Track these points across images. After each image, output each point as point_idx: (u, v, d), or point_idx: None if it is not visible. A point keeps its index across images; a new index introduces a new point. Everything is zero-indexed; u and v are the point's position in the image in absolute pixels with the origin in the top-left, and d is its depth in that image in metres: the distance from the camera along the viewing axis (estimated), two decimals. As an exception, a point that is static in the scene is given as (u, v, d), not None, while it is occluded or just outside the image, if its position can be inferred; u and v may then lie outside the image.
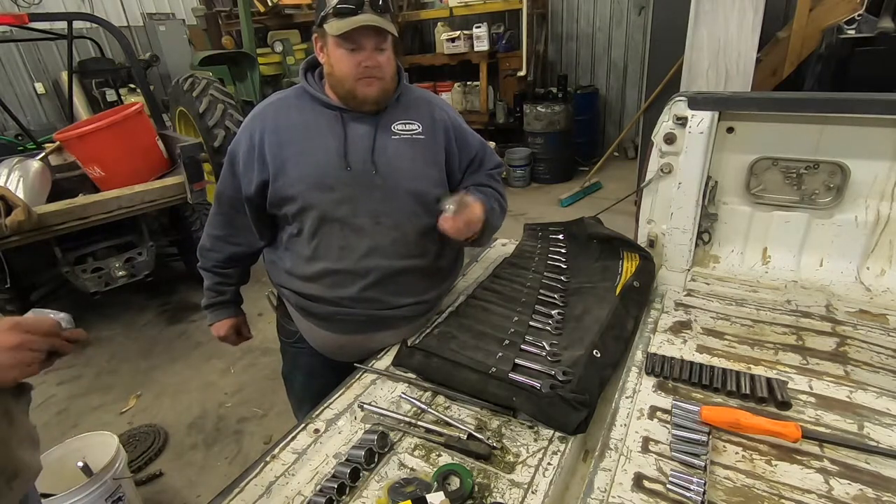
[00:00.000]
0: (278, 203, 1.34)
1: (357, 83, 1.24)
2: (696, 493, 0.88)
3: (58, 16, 3.72)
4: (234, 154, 1.37)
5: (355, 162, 1.30)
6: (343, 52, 1.21)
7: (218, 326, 1.64)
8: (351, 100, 1.28)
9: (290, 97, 1.37)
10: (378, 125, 1.32)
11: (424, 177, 1.37)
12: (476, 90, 6.71)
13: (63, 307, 4.34)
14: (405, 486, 0.94)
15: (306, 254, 1.36)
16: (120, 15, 7.90)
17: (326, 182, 1.29)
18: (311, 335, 1.52)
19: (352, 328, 1.42)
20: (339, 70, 1.24)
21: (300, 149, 1.30)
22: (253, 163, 1.32)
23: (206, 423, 2.72)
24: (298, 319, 1.52)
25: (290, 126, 1.32)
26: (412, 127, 1.36)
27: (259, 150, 1.31)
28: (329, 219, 1.31)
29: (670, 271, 1.72)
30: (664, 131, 1.61)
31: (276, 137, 1.31)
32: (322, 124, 1.31)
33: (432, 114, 1.40)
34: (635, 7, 6.08)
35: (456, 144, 1.42)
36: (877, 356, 1.24)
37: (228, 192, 1.41)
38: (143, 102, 3.60)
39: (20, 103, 7.25)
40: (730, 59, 3.48)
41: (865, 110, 1.37)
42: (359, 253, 1.33)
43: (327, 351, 1.53)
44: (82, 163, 3.40)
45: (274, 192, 1.32)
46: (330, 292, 1.37)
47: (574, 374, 1.15)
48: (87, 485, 1.76)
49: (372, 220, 1.32)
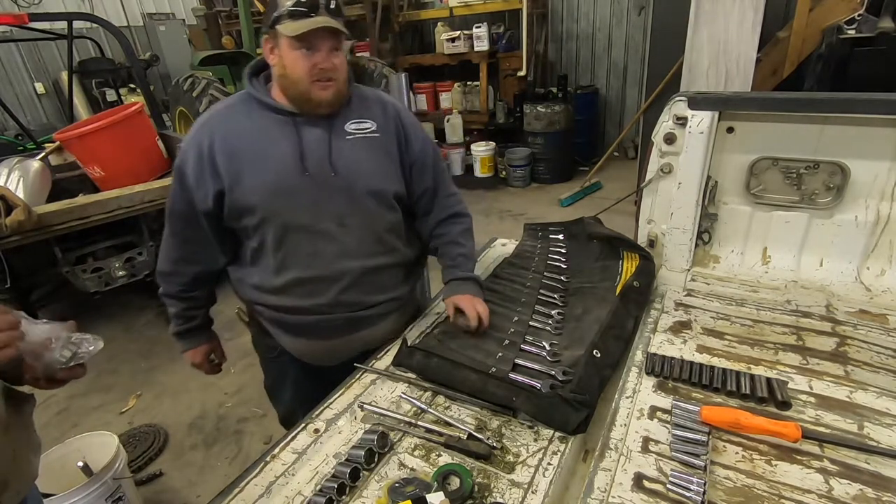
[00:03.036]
0: (237, 215, 1.29)
1: (312, 85, 1.22)
2: (696, 493, 0.88)
3: (58, 16, 3.73)
4: (181, 169, 1.29)
5: (313, 166, 1.27)
6: (298, 53, 1.19)
7: (192, 354, 1.56)
8: (305, 103, 1.26)
9: (236, 104, 1.32)
10: (331, 127, 1.30)
11: (383, 175, 1.37)
12: (476, 90, 6.71)
13: (63, 307, 4.33)
14: (405, 486, 0.94)
15: (273, 266, 1.33)
16: (120, 15, 7.89)
17: (286, 189, 1.26)
18: (294, 346, 1.49)
19: (333, 333, 1.41)
20: (294, 72, 1.21)
21: (255, 157, 1.26)
22: (204, 175, 1.26)
23: (206, 423, 2.72)
24: (278, 334, 1.48)
25: (241, 134, 1.27)
26: (365, 126, 1.35)
27: (209, 160, 1.25)
28: (293, 227, 1.29)
29: (670, 271, 1.72)
30: (664, 131, 1.61)
31: (226, 146, 1.25)
32: (274, 130, 1.28)
33: (384, 111, 1.39)
34: (635, 7, 6.08)
35: (404, 143, 1.41)
36: (877, 356, 1.24)
37: (180, 209, 1.33)
38: (143, 102, 3.61)
39: (20, 103, 7.24)
40: (730, 59, 3.48)
41: (865, 110, 1.37)
42: (329, 258, 1.32)
43: (313, 359, 1.51)
44: (82, 163, 3.40)
45: (231, 203, 1.27)
46: (305, 301, 1.35)
47: (574, 374, 1.15)
48: (87, 485, 1.76)
49: (337, 223, 1.31)
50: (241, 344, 3.37)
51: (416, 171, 1.44)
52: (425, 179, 1.46)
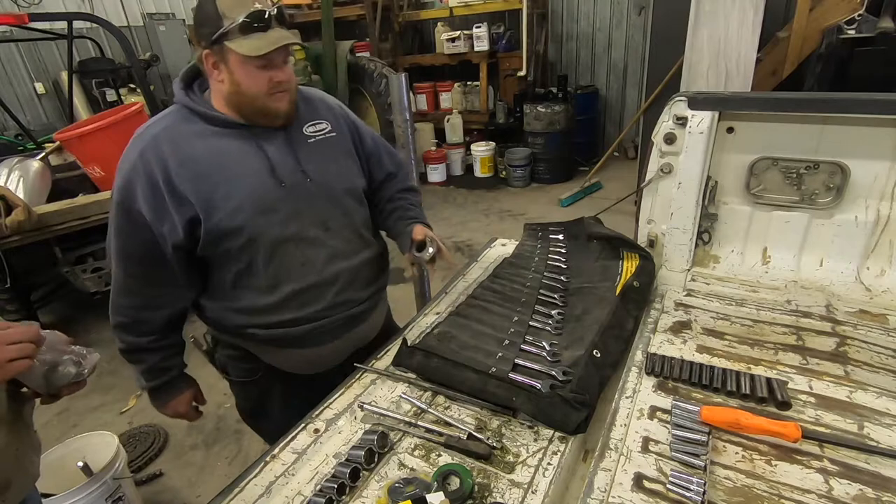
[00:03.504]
0: (216, 240, 1.20)
1: (268, 99, 1.19)
2: (696, 493, 0.88)
3: (58, 16, 3.73)
4: (126, 204, 1.17)
5: (287, 176, 1.24)
6: (252, 68, 1.14)
7: (174, 405, 1.42)
8: (261, 117, 1.22)
9: (176, 124, 1.21)
10: (290, 134, 1.28)
11: (350, 172, 1.39)
12: (476, 90, 6.71)
13: (63, 307, 4.32)
14: (405, 486, 0.94)
15: (265, 284, 1.27)
16: (120, 15, 7.88)
17: (267, 205, 1.22)
18: (288, 361, 1.43)
19: (332, 335, 1.40)
20: (250, 88, 1.16)
21: (225, 177, 1.18)
22: (166, 206, 1.16)
23: (206, 423, 2.72)
24: (267, 352, 1.41)
25: (200, 155, 1.18)
26: (321, 126, 1.34)
27: (168, 189, 1.15)
28: (282, 240, 1.25)
29: (670, 271, 1.72)
30: (664, 131, 1.61)
31: (187, 172, 1.16)
32: (234, 146, 1.21)
33: (331, 110, 1.40)
34: (635, 7, 6.08)
35: (357, 138, 1.44)
36: (877, 356, 1.24)
37: (134, 251, 1.21)
38: (143, 102, 3.61)
39: (20, 103, 7.23)
40: (730, 59, 3.48)
41: (865, 110, 1.37)
42: (320, 264, 1.31)
43: (310, 367, 1.46)
44: (82, 163, 3.40)
45: (210, 228, 1.18)
46: (303, 311, 1.32)
47: (574, 374, 1.15)
48: (87, 485, 1.76)
49: (321, 228, 1.31)
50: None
51: (374, 163, 1.49)
52: (384, 166, 1.52)
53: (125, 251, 1.23)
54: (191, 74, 1.29)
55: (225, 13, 1.10)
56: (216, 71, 1.17)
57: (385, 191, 1.55)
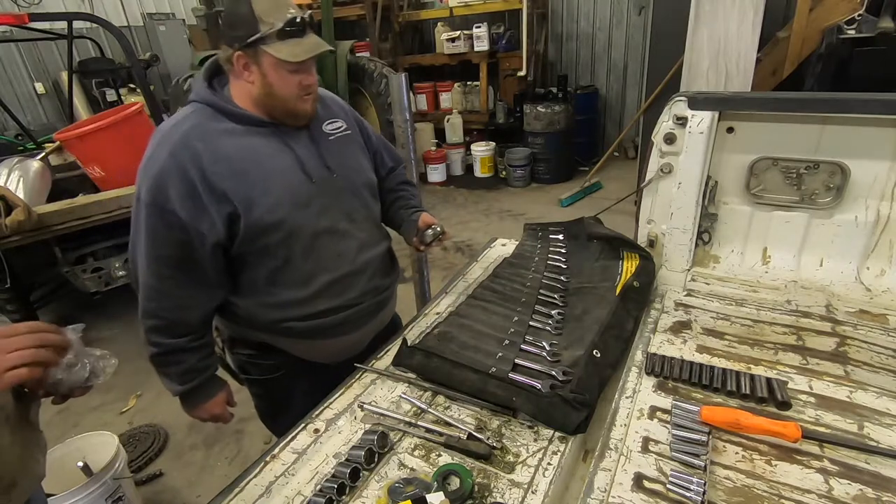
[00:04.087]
0: (256, 236, 1.23)
1: (297, 101, 1.25)
2: (696, 493, 0.88)
3: (58, 16, 3.72)
4: (159, 206, 1.16)
5: (314, 171, 1.30)
6: (285, 73, 1.19)
7: (210, 407, 1.41)
8: (289, 117, 1.27)
9: (204, 122, 1.22)
10: (311, 132, 1.34)
11: (367, 168, 1.49)
12: (476, 90, 6.71)
13: (63, 307, 4.32)
14: (405, 486, 0.94)
15: (301, 277, 1.32)
16: (120, 15, 7.89)
17: (301, 199, 1.27)
18: (322, 350, 1.45)
19: (363, 322, 1.49)
20: (282, 90, 1.21)
21: (261, 174, 1.22)
22: (203, 204, 1.16)
23: (205, 424, 2.71)
24: (298, 344, 1.42)
25: (233, 152, 1.20)
26: (338, 124, 1.41)
27: (206, 186, 1.16)
28: (318, 233, 1.31)
29: (670, 271, 1.72)
30: (664, 131, 1.61)
31: (223, 168, 1.18)
32: (263, 144, 1.25)
33: (342, 109, 1.48)
34: (635, 7, 6.08)
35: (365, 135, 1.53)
36: (877, 356, 1.24)
37: (167, 251, 1.20)
38: (143, 102, 3.60)
39: (20, 103, 7.24)
40: (730, 59, 3.49)
41: (865, 110, 1.37)
42: (351, 254, 1.39)
43: (340, 355, 1.48)
44: (82, 163, 3.40)
45: (251, 224, 1.21)
46: (338, 300, 1.39)
47: (574, 374, 1.15)
48: (87, 485, 1.76)
49: (348, 220, 1.38)
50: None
51: (377, 159, 1.59)
52: (386, 162, 1.62)
53: (157, 253, 1.20)
54: (211, 73, 1.31)
55: (262, 17, 1.13)
56: (247, 72, 1.20)
57: (386, 184, 1.63)
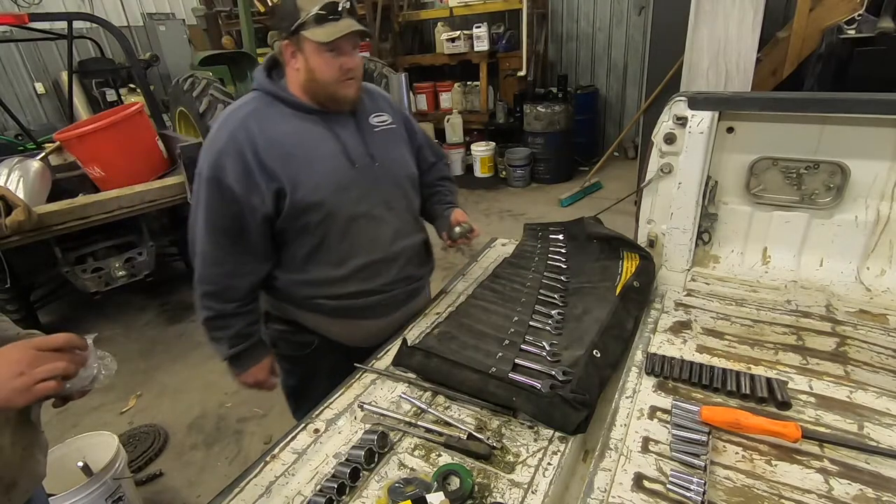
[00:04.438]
0: (299, 214, 1.32)
1: (339, 85, 1.30)
2: (696, 493, 0.88)
3: (58, 16, 3.72)
4: (218, 178, 1.26)
5: (357, 158, 1.37)
6: (326, 57, 1.26)
7: (255, 372, 1.47)
8: (331, 102, 1.34)
9: (261, 108, 1.33)
10: (358, 122, 1.41)
11: (409, 161, 1.54)
12: (476, 90, 6.71)
13: (63, 307, 4.32)
14: (405, 486, 0.94)
15: (336, 258, 1.41)
16: (120, 15, 7.89)
17: (342, 183, 1.35)
18: (349, 332, 1.54)
19: (392, 308, 1.54)
20: (322, 75, 1.28)
21: (307, 157, 1.31)
22: (255, 180, 1.27)
23: (206, 423, 2.72)
24: (329, 323, 1.50)
25: (283, 136, 1.30)
26: (384, 118, 1.48)
27: (259, 165, 1.27)
28: (355, 216, 1.38)
29: (670, 271, 1.72)
30: (664, 131, 1.61)
31: (275, 150, 1.28)
32: (311, 129, 1.34)
33: (389, 104, 1.55)
34: (635, 7, 6.08)
35: (409, 128, 1.59)
36: (877, 356, 1.24)
37: (225, 224, 1.30)
38: (143, 102, 3.61)
39: (20, 103, 7.24)
40: (730, 59, 3.49)
41: (865, 110, 1.37)
42: (386, 241, 1.45)
43: (367, 339, 1.52)
44: (82, 163, 3.40)
45: (294, 203, 1.30)
46: (369, 284, 1.46)
47: (574, 374, 1.15)
48: (87, 485, 1.76)
49: (386, 207, 1.44)
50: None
51: (420, 153, 1.64)
52: (428, 157, 1.67)
53: (214, 223, 1.32)
54: (269, 64, 1.41)
55: (302, 6, 1.22)
56: (293, 60, 1.30)
57: (426, 178, 1.68)
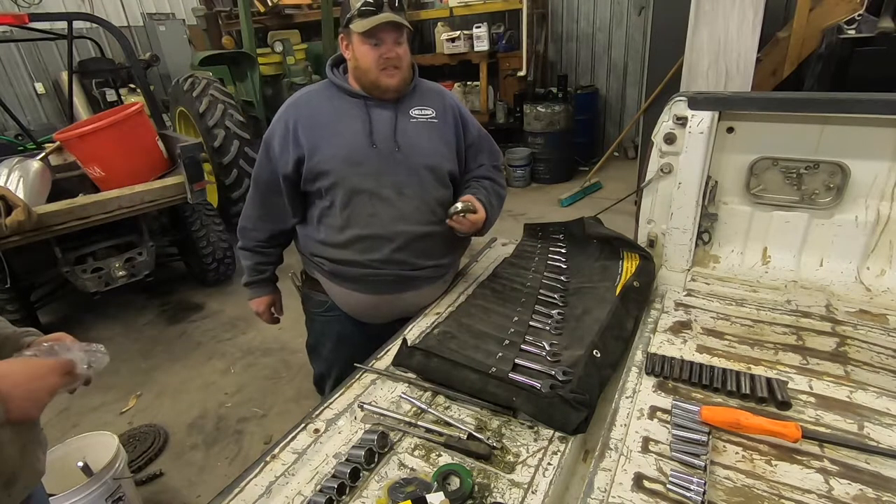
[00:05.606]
0: (313, 178, 1.51)
1: (380, 74, 1.44)
2: (696, 493, 0.88)
3: (58, 16, 3.72)
4: (269, 141, 1.55)
5: (380, 141, 1.50)
6: (367, 47, 1.42)
7: (257, 302, 1.83)
8: (374, 89, 1.49)
9: (319, 90, 1.58)
10: (398, 110, 1.53)
11: (439, 154, 1.58)
12: (476, 90, 6.70)
13: (63, 307, 4.30)
14: (405, 486, 0.94)
15: (338, 223, 1.54)
16: (120, 15, 7.89)
17: (355, 158, 1.48)
18: (344, 299, 1.67)
19: (382, 288, 1.60)
20: (364, 63, 1.44)
21: (331, 131, 1.50)
22: (288, 145, 1.51)
23: (206, 423, 2.72)
24: (331, 286, 1.67)
25: (321, 112, 1.52)
26: (427, 112, 1.57)
27: (293, 133, 1.50)
28: (358, 190, 1.50)
29: (670, 271, 1.72)
30: (664, 131, 1.61)
31: (308, 122, 1.50)
32: (348, 110, 1.51)
33: (443, 102, 1.62)
34: (635, 7, 6.08)
35: (462, 129, 1.65)
36: (877, 356, 1.24)
37: (265, 177, 1.59)
38: (143, 102, 3.60)
39: (20, 103, 7.24)
40: (730, 59, 3.48)
41: (865, 110, 1.37)
42: (386, 220, 1.52)
43: (360, 313, 1.69)
44: (82, 163, 3.40)
45: (309, 168, 1.50)
46: (361, 256, 1.54)
47: (574, 374, 1.15)
48: (87, 485, 1.76)
49: (396, 191, 1.51)
50: (242, 343, 3.38)
51: (471, 153, 1.70)
52: (480, 158, 1.72)
53: (258, 177, 1.62)
54: (336, 59, 1.60)
55: (352, 3, 1.39)
56: (347, 51, 1.49)
57: (472, 173, 1.73)
